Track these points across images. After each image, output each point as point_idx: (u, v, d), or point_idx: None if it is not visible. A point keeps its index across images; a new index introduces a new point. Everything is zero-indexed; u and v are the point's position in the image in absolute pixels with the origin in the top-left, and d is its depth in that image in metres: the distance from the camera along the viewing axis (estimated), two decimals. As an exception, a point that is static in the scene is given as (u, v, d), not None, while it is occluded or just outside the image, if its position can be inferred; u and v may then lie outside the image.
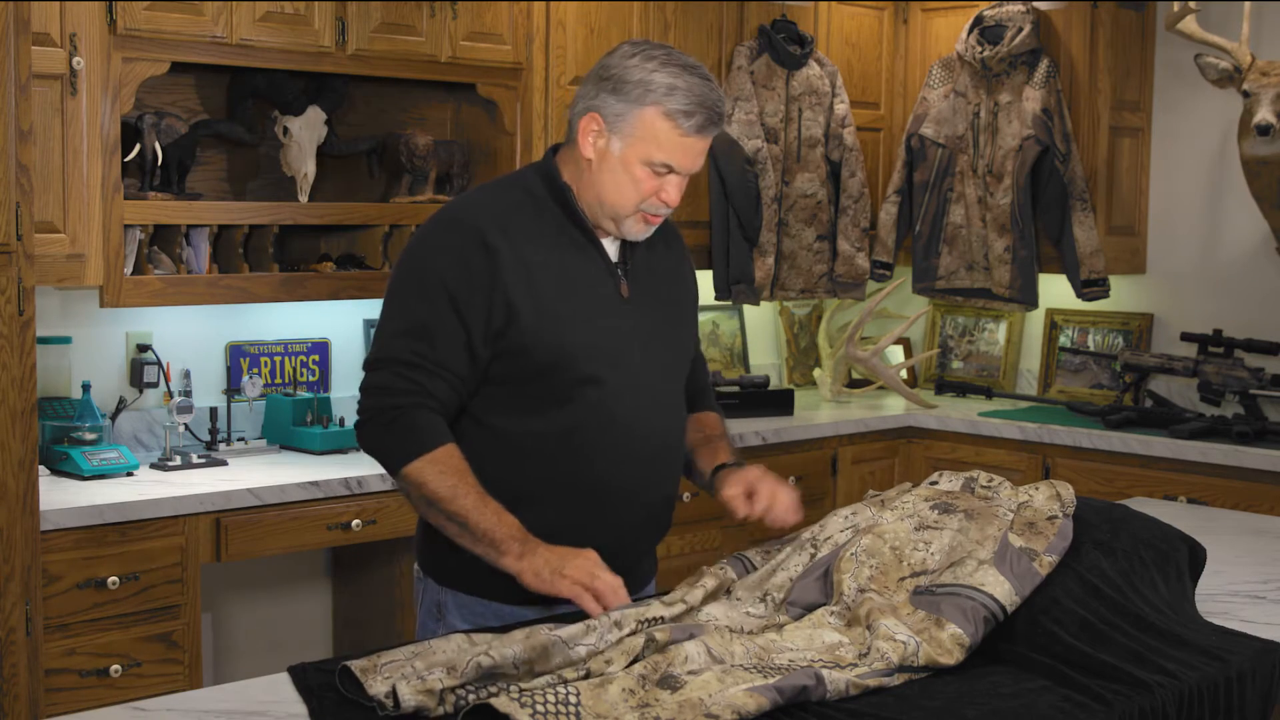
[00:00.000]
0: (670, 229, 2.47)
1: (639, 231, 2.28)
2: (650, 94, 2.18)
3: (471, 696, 1.80)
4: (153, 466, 3.52)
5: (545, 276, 2.23)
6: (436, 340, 2.20)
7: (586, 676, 1.85)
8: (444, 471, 2.17)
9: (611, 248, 2.32)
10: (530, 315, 2.21)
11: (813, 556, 2.19)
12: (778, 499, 2.34)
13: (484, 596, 2.29)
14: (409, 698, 1.77)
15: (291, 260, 3.92)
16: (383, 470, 3.47)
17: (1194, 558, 2.36)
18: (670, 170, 2.22)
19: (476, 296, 2.19)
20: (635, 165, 2.21)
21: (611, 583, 2.07)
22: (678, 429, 2.40)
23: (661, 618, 2.02)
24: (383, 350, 2.24)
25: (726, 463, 2.43)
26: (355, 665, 1.88)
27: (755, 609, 2.14)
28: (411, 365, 2.20)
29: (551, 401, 2.24)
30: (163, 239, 3.61)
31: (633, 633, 1.94)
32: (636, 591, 2.31)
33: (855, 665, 1.93)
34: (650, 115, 2.19)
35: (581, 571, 2.08)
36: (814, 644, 1.99)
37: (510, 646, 1.86)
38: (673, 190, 2.24)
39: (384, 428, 2.21)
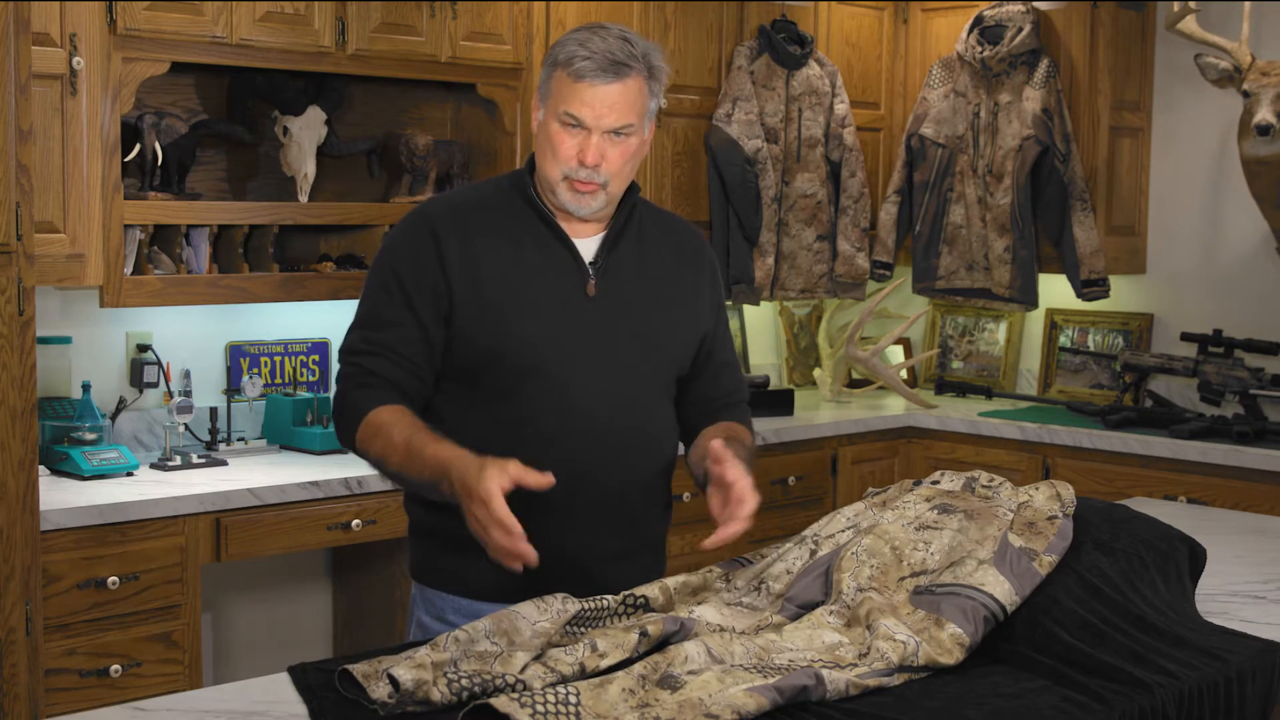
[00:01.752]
0: (690, 239, 2.45)
1: (575, 203, 2.27)
2: (560, 52, 2.24)
3: (465, 680, 1.81)
4: (153, 466, 3.52)
5: (494, 269, 2.25)
6: (385, 326, 2.26)
7: (583, 674, 1.85)
8: (374, 436, 2.19)
9: (587, 247, 2.32)
10: (471, 305, 2.24)
11: (813, 554, 2.19)
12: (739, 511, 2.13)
13: (443, 590, 2.33)
14: (405, 674, 1.80)
15: (291, 260, 3.92)
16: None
17: (1194, 558, 2.36)
18: (578, 124, 2.22)
19: (424, 280, 2.25)
20: (551, 124, 2.25)
21: (495, 518, 1.94)
22: (647, 430, 2.34)
23: (645, 597, 2.06)
24: (342, 345, 2.31)
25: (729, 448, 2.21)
26: (356, 670, 1.88)
27: (749, 598, 2.15)
28: (357, 351, 2.27)
29: (499, 393, 2.25)
30: (163, 239, 3.61)
31: (625, 626, 1.94)
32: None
33: (855, 665, 1.93)
34: (558, 72, 2.24)
35: (475, 524, 1.99)
36: (814, 644, 1.98)
37: (479, 620, 1.97)
38: (590, 152, 2.22)
39: (335, 417, 2.28)
